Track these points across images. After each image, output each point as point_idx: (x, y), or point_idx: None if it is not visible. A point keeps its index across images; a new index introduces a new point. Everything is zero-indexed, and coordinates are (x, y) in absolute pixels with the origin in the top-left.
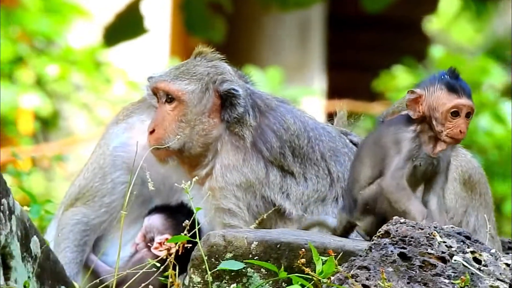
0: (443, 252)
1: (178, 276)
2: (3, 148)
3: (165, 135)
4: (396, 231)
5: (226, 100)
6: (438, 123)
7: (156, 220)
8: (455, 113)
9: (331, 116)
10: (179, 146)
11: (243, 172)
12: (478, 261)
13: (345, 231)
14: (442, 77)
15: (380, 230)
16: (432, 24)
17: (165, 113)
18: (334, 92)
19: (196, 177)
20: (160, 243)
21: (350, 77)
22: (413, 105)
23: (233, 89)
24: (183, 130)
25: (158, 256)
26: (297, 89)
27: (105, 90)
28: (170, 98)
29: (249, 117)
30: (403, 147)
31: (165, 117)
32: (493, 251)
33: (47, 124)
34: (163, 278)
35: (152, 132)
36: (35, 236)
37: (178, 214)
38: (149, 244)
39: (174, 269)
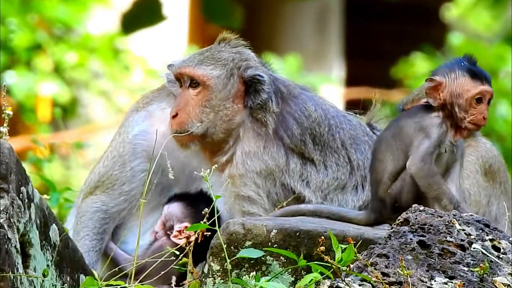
0: (462, 240)
1: (197, 264)
2: (22, 135)
3: (188, 120)
4: (416, 219)
5: (250, 86)
6: (462, 110)
7: (175, 208)
8: (479, 100)
9: (349, 104)
10: (203, 131)
11: (264, 160)
12: (497, 248)
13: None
14: (462, 63)
15: (399, 218)
16: (450, 12)
17: (189, 97)
18: (353, 80)
19: (216, 165)
20: (179, 231)
21: (369, 65)
22: (433, 92)
23: (258, 75)
24: (207, 115)
25: (177, 244)
26: (315, 77)
27: (123, 77)
28: (194, 83)
29: (272, 103)
30: (432, 132)
31: (189, 101)
32: (511, 238)
33: (65, 112)
34: (180, 267)
35: (174, 116)
36: (54, 224)
37: (197, 202)
38: (168, 232)
39: (193, 257)
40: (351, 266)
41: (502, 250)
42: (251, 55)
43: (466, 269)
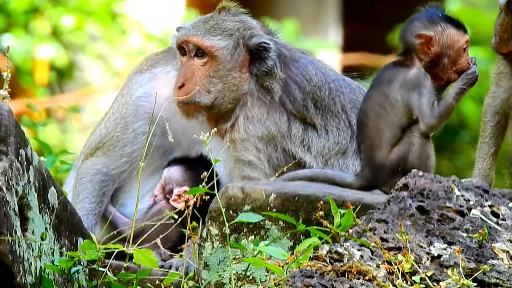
0: (461, 206)
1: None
2: (19, 99)
3: (195, 90)
4: (415, 184)
5: (256, 54)
6: (450, 61)
7: (175, 172)
8: (465, 49)
9: (346, 69)
10: (210, 102)
11: (266, 125)
12: (496, 215)
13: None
14: (440, 14)
15: (398, 183)
16: None
17: (195, 67)
18: (350, 45)
19: (215, 129)
20: (178, 195)
21: (365, 30)
22: (424, 48)
23: (264, 43)
24: (215, 85)
25: (176, 208)
26: (312, 42)
27: (120, 41)
28: (201, 53)
29: (278, 69)
30: (422, 87)
31: (195, 71)
32: (510, 205)
33: (62, 75)
34: (184, 229)
35: (181, 86)
36: (52, 187)
37: (197, 166)
38: (167, 196)
39: (192, 221)
40: (350, 231)
41: (501, 216)
42: (254, 23)
43: (465, 235)
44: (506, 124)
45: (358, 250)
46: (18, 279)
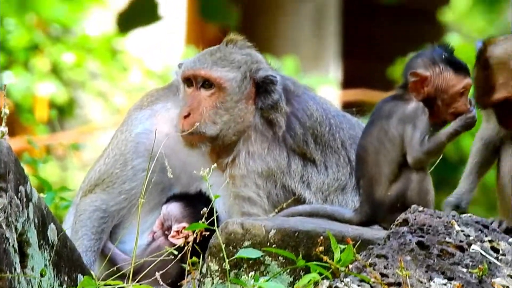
0: (461, 241)
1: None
2: (19, 136)
3: (202, 121)
4: (415, 219)
5: (262, 87)
6: (444, 104)
7: (174, 208)
8: (462, 93)
9: (346, 105)
10: (216, 133)
11: (266, 161)
12: (496, 250)
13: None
14: (443, 55)
15: (398, 218)
16: (446, 16)
17: (201, 98)
18: (350, 81)
19: (215, 164)
20: (177, 231)
21: (366, 66)
22: (417, 87)
23: (271, 76)
24: (221, 117)
25: (176, 244)
26: (312, 78)
27: (121, 78)
28: (208, 84)
29: (283, 103)
30: (418, 120)
31: (201, 102)
32: (510, 240)
33: (62, 112)
34: (184, 265)
35: (186, 116)
36: (52, 224)
37: (196, 203)
38: (166, 232)
39: (192, 257)
40: (350, 266)
41: (501, 252)
42: (260, 57)
43: (465, 270)
44: (492, 159)
45: (358, 285)
46: None
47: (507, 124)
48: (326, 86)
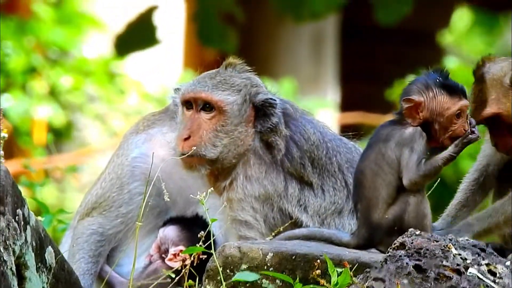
0: (458, 265)
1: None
2: (17, 159)
3: (201, 144)
4: (412, 243)
5: (261, 110)
6: (442, 127)
7: (170, 232)
8: (459, 115)
9: (344, 128)
10: (216, 155)
11: (263, 185)
12: (493, 273)
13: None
14: (437, 79)
15: (395, 242)
16: (445, 38)
17: (201, 121)
18: (348, 104)
19: (212, 188)
20: (174, 255)
21: (364, 89)
22: (412, 113)
23: (271, 99)
24: (221, 140)
25: (173, 268)
26: (311, 101)
27: (119, 101)
28: (208, 107)
29: (282, 126)
30: (416, 144)
31: (201, 125)
32: (508, 263)
33: (60, 135)
34: None
35: (186, 138)
36: (50, 247)
37: (193, 226)
38: (163, 255)
39: (191, 280)
40: None
41: (498, 275)
42: (259, 81)
43: None
44: (487, 189)
45: None
46: None
47: (498, 145)
48: (324, 109)
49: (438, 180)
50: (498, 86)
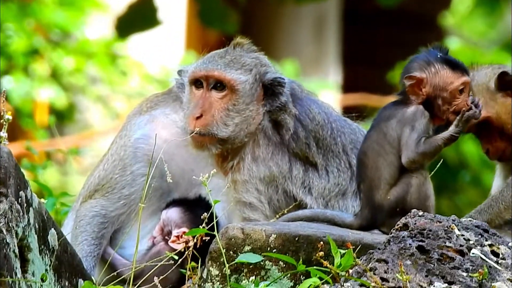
0: (461, 245)
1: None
2: (19, 141)
3: (214, 122)
4: (415, 224)
5: (270, 89)
6: (445, 102)
7: (173, 214)
8: (462, 90)
9: (346, 110)
10: (227, 134)
11: (268, 165)
12: (496, 254)
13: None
14: (438, 55)
15: (398, 223)
16: (446, 20)
17: (213, 100)
18: (349, 85)
19: (214, 170)
20: (177, 236)
21: (365, 71)
22: (415, 90)
23: (280, 78)
24: (233, 119)
25: (176, 249)
26: (312, 83)
27: (121, 83)
28: (220, 86)
29: (290, 104)
30: (417, 123)
31: (213, 104)
32: (510, 244)
33: (62, 117)
34: (183, 270)
35: (199, 117)
36: (52, 229)
37: (196, 208)
38: (166, 237)
39: (194, 261)
40: (350, 271)
41: (501, 256)
42: (267, 60)
43: (465, 274)
44: None
45: None
46: None
47: (489, 151)
48: (326, 91)
49: (441, 162)
50: (485, 91)
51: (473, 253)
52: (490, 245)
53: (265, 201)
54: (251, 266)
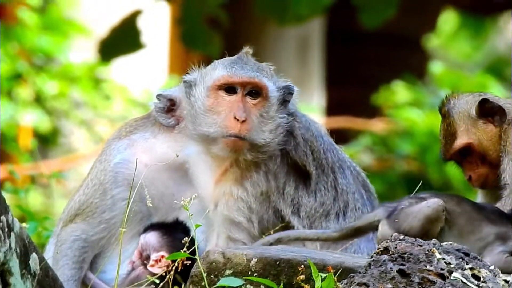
0: (442, 269)
1: None
2: (3, 165)
3: (255, 128)
4: (395, 247)
5: (281, 97)
6: None
7: (151, 238)
8: None
9: (330, 132)
10: (264, 141)
11: (268, 179)
12: (477, 277)
13: None
14: None
15: (379, 247)
16: (431, 41)
17: (249, 106)
18: (334, 108)
19: (196, 194)
20: (156, 261)
21: (350, 93)
22: None
23: (290, 85)
24: (267, 125)
25: (155, 274)
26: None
27: (104, 107)
28: (256, 93)
29: (298, 112)
30: None
31: (251, 111)
32: (492, 267)
33: (46, 141)
34: None
35: (244, 121)
36: (34, 253)
37: (174, 231)
38: (145, 261)
39: (174, 286)
40: None
41: (482, 279)
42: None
43: None
44: None
45: None
46: None
47: (472, 179)
48: (310, 113)
49: (421, 183)
50: (465, 117)
51: (454, 277)
52: (471, 269)
53: (255, 220)
54: None
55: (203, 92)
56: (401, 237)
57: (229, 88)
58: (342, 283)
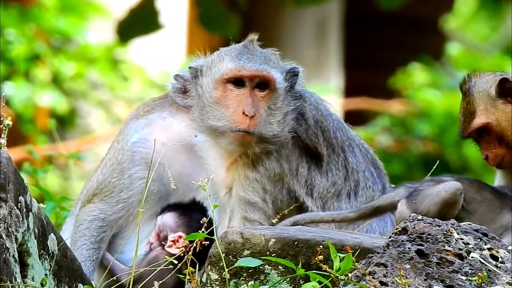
0: (460, 249)
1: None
2: (20, 146)
3: (263, 122)
4: (414, 228)
5: (288, 81)
6: None
7: (168, 219)
8: None
9: (348, 114)
10: (272, 133)
11: (280, 163)
12: (495, 257)
13: None
14: None
15: (397, 227)
16: (448, 23)
17: (257, 99)
18: (351, 90)
19: (213, 175)
20: (173, 241)
21: (367, 75)
22: None
23: (295, 67)
24: (275, 117)
25: (172, 254)
26: (314, 87)
27: (122, 88)
28: (264, 85)
29: (306, 94)
30: None
31: (259, 104)
32: (510, 248)
33: (64, 123)
34: (181, 276)
35: (253, 116)
36: (52, 234)
37: (190, 212)
38: (162, 242)
39: (192, 266)
40: (349, 275)
41: (500, 259)
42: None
43: (464, 278)
44: None
45: None
46: None
47: (489, 158)
48: (328, 95)
49: (438, 162)
50: (485, 97)
51: (472, 257)
52: (489, 249)
53: (269, 200)
54: (250, 271)
55: (211, 84)
56: (419, 217)
57: (237, 81)
58: (360, 263)
